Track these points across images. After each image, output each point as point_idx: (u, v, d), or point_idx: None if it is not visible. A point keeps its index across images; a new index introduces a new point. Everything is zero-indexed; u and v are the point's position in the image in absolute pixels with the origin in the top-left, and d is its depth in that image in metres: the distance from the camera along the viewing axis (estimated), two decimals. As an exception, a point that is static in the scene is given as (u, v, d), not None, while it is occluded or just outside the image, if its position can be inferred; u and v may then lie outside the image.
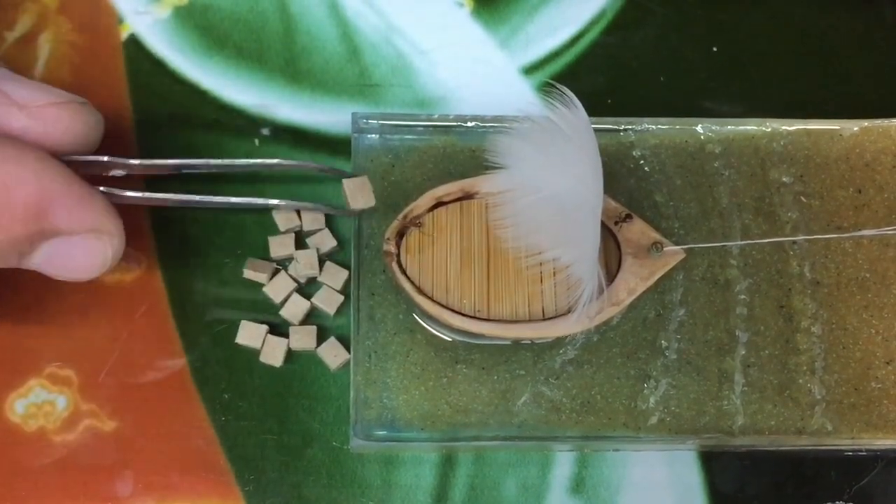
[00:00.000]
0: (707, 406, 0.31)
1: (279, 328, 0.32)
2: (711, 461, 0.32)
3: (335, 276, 0.32)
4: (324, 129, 0.34)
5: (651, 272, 0.31)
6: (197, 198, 0.29)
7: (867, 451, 0.32)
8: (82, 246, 0.24)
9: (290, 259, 0.32)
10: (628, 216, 0.32)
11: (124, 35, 0.35)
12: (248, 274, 0.32)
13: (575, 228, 0.29)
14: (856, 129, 0.34)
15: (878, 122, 0.34)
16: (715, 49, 0.37)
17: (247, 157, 0.31)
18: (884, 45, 0.37)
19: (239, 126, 0.34)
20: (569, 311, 0.30)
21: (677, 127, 0.34)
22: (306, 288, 0.32)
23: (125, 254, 0.26)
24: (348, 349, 0.31)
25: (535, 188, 0.28)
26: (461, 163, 0.33)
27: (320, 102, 0.35)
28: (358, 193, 0.30)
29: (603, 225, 0.31)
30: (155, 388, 0.31)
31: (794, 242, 0.33)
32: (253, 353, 0.32)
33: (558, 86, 0.29)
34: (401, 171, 0.33)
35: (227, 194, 0.29)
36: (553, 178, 0.28)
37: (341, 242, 0.33)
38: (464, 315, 0.30)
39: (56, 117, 0.26)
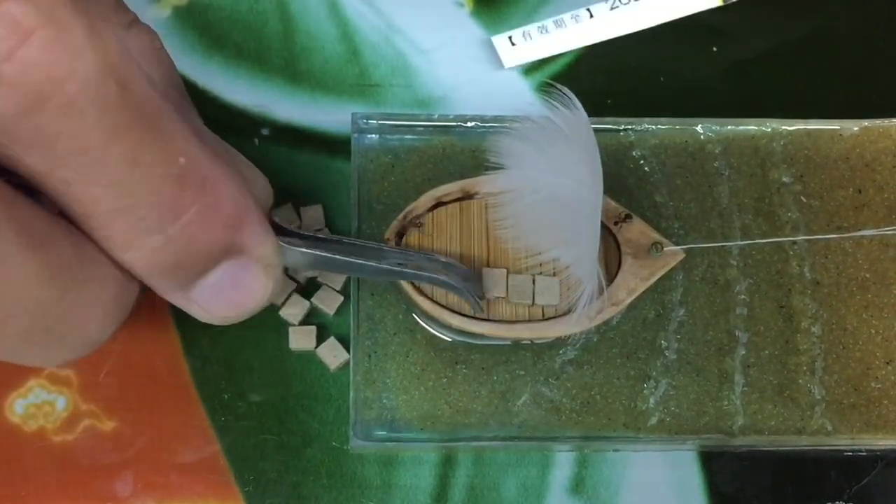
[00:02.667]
0: (707, 406, 0.31)
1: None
2: (711, 461, 0.32)
3: (335, 276, 0.32)
4: (323, 129, 0.34)
5: (651, 272, 0.31)
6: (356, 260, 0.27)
7: (867, 451, 0.32)
8: (254, 274, 0.24)
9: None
10: (628, 216, 0.32)
11: (124, 35, 0.35)
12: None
13: (574, 229, 0.29)
14: (856, 129, 0.34)
15: (878, 122, 0.34)
16: (715, 49, 0.37)
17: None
18: (884, 45, 0.37)
19: (238, 126, 0.34)
20: (568, 312, 0.30)
21: (677, 127, 0.34)
22: (306, 288, 0.32)
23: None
24: (348, 349, 0.31)
25: (535, 188, 0.28)
26: (461, 163, 0.33)
27: (320, 102, 0.35)
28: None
29: (603, 225, 0.31)
30: (155, 388, 0.31)
31: (794, 243, 0.33)
32: (253, 354, 0.32)
33: (558, 86, 0.29)
34: (400, 171, 0.33)
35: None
36: (553, 178, 0.28)
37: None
38: (463, 315, 0.30)
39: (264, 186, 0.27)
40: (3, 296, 0.19)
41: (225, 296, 0.24)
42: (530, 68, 0.36)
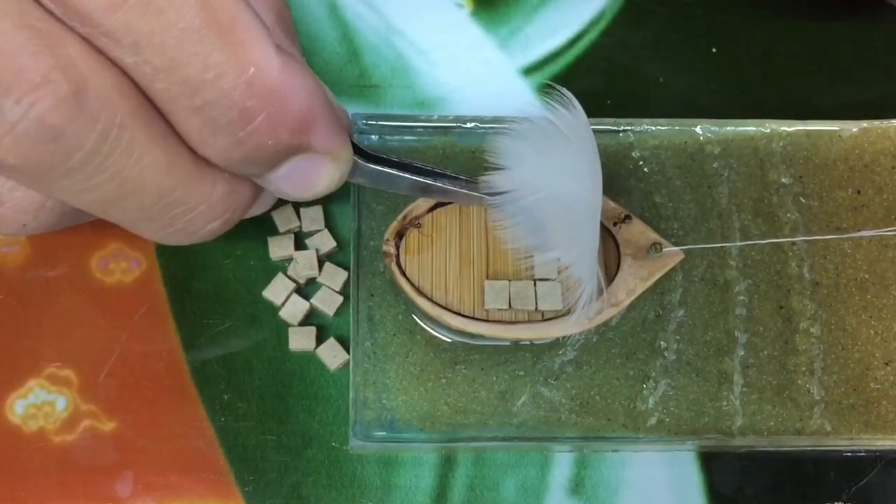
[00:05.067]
0: (706, 407, 0.31)
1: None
2: (711, 462, 0.32)
3: (334, 276, 0.32)
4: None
5: (650, 273, 0.31)
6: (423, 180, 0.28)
7: (866, 451, 0.32)
8: (321, 167, 0.26)
9: (289, 260, 0.32)
10: (627, 217, 0.32)
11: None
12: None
13: (574, 229, 0.29)
14: (855, 130, 0.34)
15: (877, 123, 0.34)
16: (714, 50, 0.37)
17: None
18: (883, 46, 0.37)
19: (239, 127, 0.34)
20: (568, 313, 0.30)
21: (676, 128, 0.34)
22: (305, 289, 0.32)
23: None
24: (347, 350, 0.31)
25: (535, 189, 0.28)
26: (461, 164, 0.33)
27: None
28: None
29: (602, 226, 0.31)
30: (155, 389, 0.31)
31: (794, 243, 0.33)
32: (253, 354, 0.32)
33: (557, 87, 0.29)
34: (400, 172, 0.33)
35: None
36: (552, 179, 0.28)
37: (340, 243, 0.33)
38: (463, 316, 0.30)
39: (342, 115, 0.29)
40: (128, 175, 0.22)
41: (295, 182, 0.26)
42: (530, 69, 0.36)
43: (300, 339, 0.32)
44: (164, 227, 0.25)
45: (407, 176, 0.28)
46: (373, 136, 0.33)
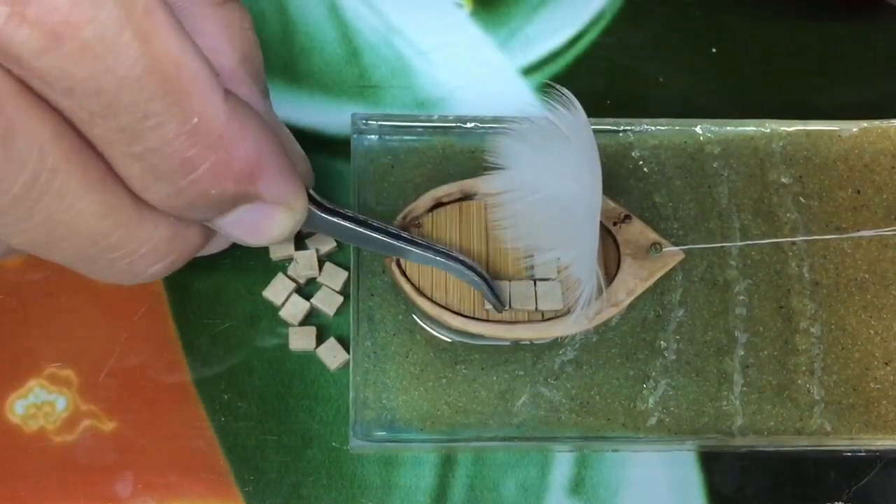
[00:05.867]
0: (706, 407, 0.31)
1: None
2: (711, 461, 0.32)
3: (334, 276, 0.32)
4: (323, 129, 0.34)
5: (650, 273, 0.31)
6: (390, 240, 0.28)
7: (866, 451, 0.32)
8: (272, 216, 0.25)
9: (289, 260, 0.32)
10: (627, 217, 0.32)
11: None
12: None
13: (574, 229, 0.29)
14: (855, 130, 0.34)
15: (876, 123, 0.34)
16: (714, 50, 0.37)
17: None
18: (883, 46, 0.37)
19: (239, 127, 0.34)
20: (568, 313, 0.30)
21: (676, 128, 0.34)
22: (306, 289, 0.32)
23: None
24: (347, 350, 0.31)
25: (534, 189, 0.28)
26: (460, 164, 0.33)
27: (320, 103, 0.35)
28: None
29: (602, 226, 0.31)
30: (155, 389, 0.31)
31: (794, 243, 0.33)
32: (253, 354, 0.32)
33: (557, 87, 0.29)
34: (400, 172, 0.33)
35: None
36: (552, 179, 0.28)
37: (340, 243, 0.33)
38: (463, 316, 0.30)
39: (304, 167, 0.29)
40: (61, 221, 0.21)
41: (245, 230, 0.25)
42: (530, 69, 0.36)
43: (300, 339, 0.32)
44: (104, 268, 0.24)
45: (362, 231, 0.28)
46: (373, 136, 0.33)
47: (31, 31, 0.18)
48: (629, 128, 0.34)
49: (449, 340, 0.31)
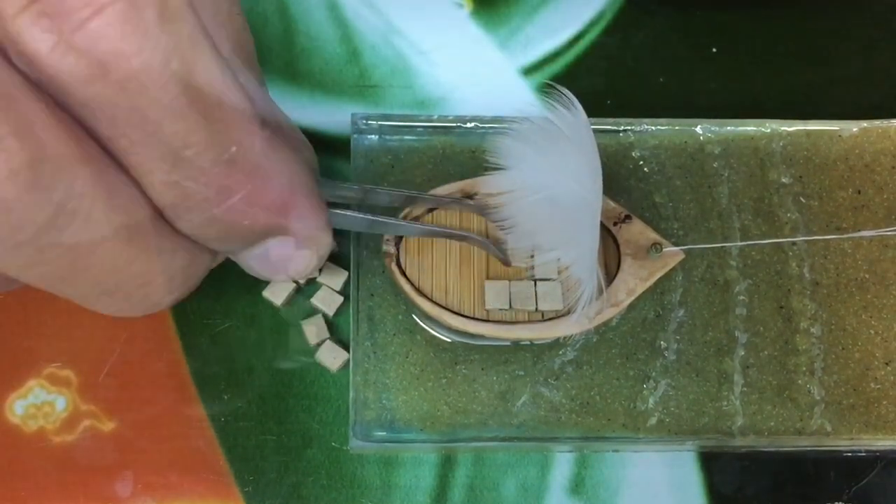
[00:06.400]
0: (706, 407, 0.31)
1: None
2: (711, 462, 0.32)
3: (334, 276, 0.32)
4: (323, 129, 0.34)
5: (650, 273, 0.31)
6: (417, 226, 0.29)
7: (866, 451, 0.32)
8: (297, 252, 0.25)
9: (289, 260, 0.32)
10: (627, 217, 0.32)
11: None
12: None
13: (574, 229, 0.29)
14: (855, 129, 0.34)
15: (877, 122, 0.34)
16: (715, 50, 0.37)
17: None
18: (883, 46, 0.37)
19: (239, 127, 0.34)
20: (568, 313, 0.30)
21: (676, 128, 0.34)
22: (306, 289, 0.32)
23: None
24: (347, 349, 0.31)
25: (535, 189, 0.28)
26: (460, 163, 0.33)
27: (320, 103, 0.35)
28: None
29: (602, 226, 0.31)
30: (155, 389, 0.31)
31: (794, 243, 0.33)
32: (253, 354, 0.32)
33: (558, 86, 0.29)
34: (400, 172, 0.33)
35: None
36: (552, 178, 0.28)
37: (340, 243, 0.33)
38: (463, 316, 0.30)
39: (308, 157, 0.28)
40: (82, 249, 0.21)
41: (269, 265, 0.25)
42: (530, 69, 0.36)
43: (313, 330, 0.31)
44: (119, 300, 0.23)
45: (362, 217, 0.28)
46: (373, 136, 0.33)
47: (77, 61, 0.18)
48: (629, 128, 0.34)
49: (449, 340, 0.31)
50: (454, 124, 0.33)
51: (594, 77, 0.36)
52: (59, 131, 0.19)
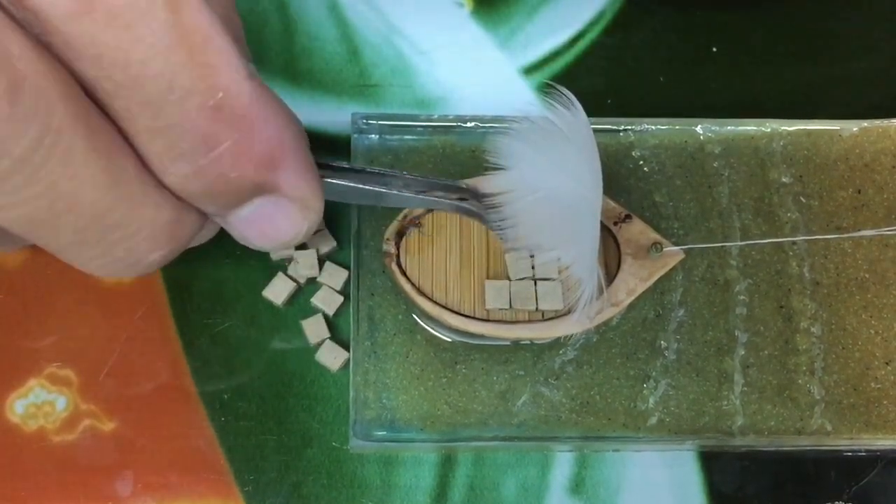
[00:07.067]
0: (706, 406, 0.31)
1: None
2: (711, 461, 0.32)
3: (335, 276, 0.32)
4: (323, 129, 0.34)
5: (650, 273, 0.31)
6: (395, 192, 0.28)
7: (867, 451, 0.32)
8: (287, 214, 0.24)
9: (289, 260, 0.32)
10: (628, 216, 0.32)
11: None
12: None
13: (574, 229, 0.29)
14: (855, 129, 0.34)
15: (877, 122, 0.34)
16: (715, 49, 0.37)
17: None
18: (883, 45, 0.37)
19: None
20: (568, 312, 0.30)
21: (677, 127, 0.34)
22: (306, 289, 0.32)
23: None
24: (347, 349, 0.31)
25: (535, 189, 0.28)
26: (461, 163, 0.33)
27: (320, 103, 0.35)
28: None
29: (602, 225, 0.31)
30: (155, 389, 0.31)
31: (794, 243, 0.33)
32: (253, 354, 0.32)
33: (558, 86, 0.29)
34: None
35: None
36: (552, 178, 0.28)
37: (341, 243, 0.33)
38: (463, 315, 0.30)
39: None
40: (64, 190, 0.20)
41: (258, 228, 0.24)
42: (530, 68, 0.36)
43: (313, 330, 0.31)
44: (101, 254, 0.23)
45: (357, 186, 0.27)
46: (373, 136, 0.33)
47: None
48: (629, 127, 0.34)
49: (449, 340, 0.31)
50: (454, 124, 0.33)
51: (594, 77, 0.36)
52: (40, 67, 0.19)
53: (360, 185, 0.27)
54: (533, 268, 0.30)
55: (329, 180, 0.26)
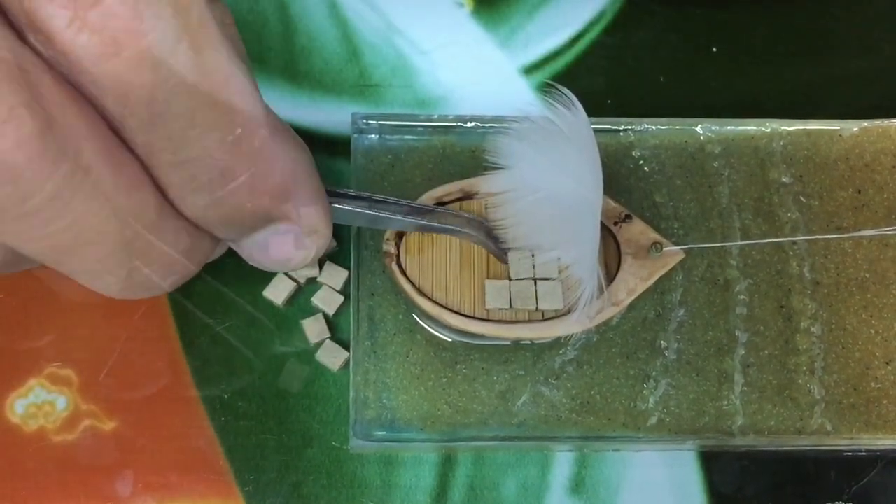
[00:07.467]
0: (707, 406, 0.31)
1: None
2: (711, 461, 0.32)
3: (335, 276, 0.32)
4: (323, 129, 0.34)
5: (650, 272, 0.31)
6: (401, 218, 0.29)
7: (867, 451, 0.32)
8: (298, 240, 0.25)
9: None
10: (628, 216, 0.32)
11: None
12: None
13: (574, 229, 0.29)
14: (855, 129, 0.34)
15: (877, 122, 0.34)
16: (715, 49, 0.37)
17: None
18: (883, 45, 0.37)
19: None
20: (568, 312, 0.30)
21: (677, 127, 0.34)
22: (306, 289, 0.32)
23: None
24: (347, 349, 0.31)
25: (535, 188, 0.28)
26: (461, 163, 0.33)
27: (320, 103, 0.35)
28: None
29: (602, 225, 0.31)
30: (155, 389, 0.31)
31: (794, 243, 0.33)
32: (253, 354, 0.32)
33: (558, 86, 0.29)
34: (400, 172, 0.33)
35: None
36: (552, 178, 0.28)
37: (341, 243, 0.33)
38: (463, 315, 0.30)
39: None
40: (88, 223, 0.21)
41: (269, 253, 0.26)
42: (530, 68, 0.36)
43: (314, 329, 0.31)
44: (121, 280, 0.23)
45: (365, 211, 0.28)
46: (373, 136, 0.33)
47: (91, 37, 0.19)
48: (629, 127, 0.34)
49: (449, 340, 0.31)
50: (454, 124, 0.33)
51: (594, 76, 0.36)
52: (69, 106, 0.20)
53: (367, 212, 0.28)
54: (533, 267, 0.30)
55: (337, 206, 0.27)
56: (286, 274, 0.32)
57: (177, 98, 0.20)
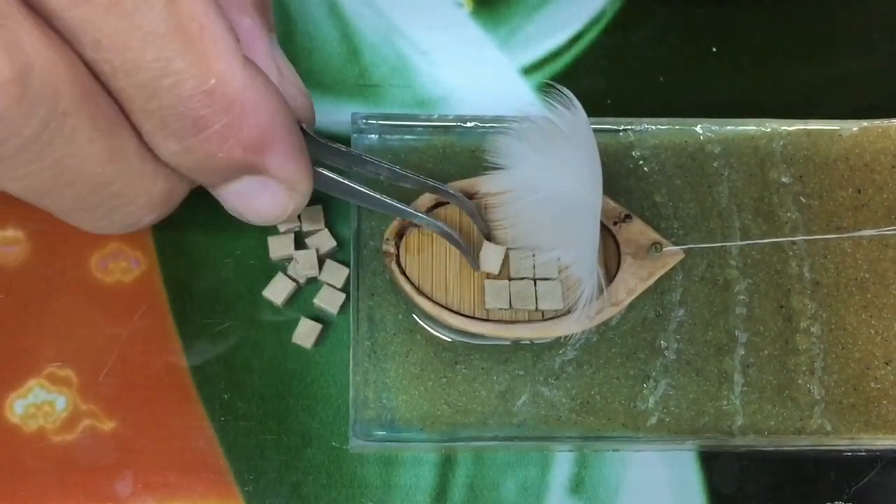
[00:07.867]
0: (706, 406, 0.31)
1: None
2: (711, 461, 0.32)
3: (336, 274, 0.32)
4: (323, 129, 0.34)
5: (650, 272, 0.31)
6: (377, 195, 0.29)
7: (866, 451, 0.32)
8: (273, 194, 0.26)
9: (289, 259, 0.32)
10: (627, 216, 0.32)
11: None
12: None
13: (574, 229, 0.29)
14: (855, 129, 0.34)
15: (877, 122, 0.34)
16: (715, 49, 0.37)
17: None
18: (883, 45, 0.38)
19: (239, 126, 0.34)
20: (568, 312, 0.30)
21: (677, 127, 0.34)
22: (306, 288, 0.32)
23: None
24: (347, 349, 0.31)
25: (535, 188, 0.28)
26: (461, 163, 0.33)
27: (320, 102, 0.35)
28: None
29: (602, 225, 0.31)
30: (155, 389, 0.31)
31: (794, 243, 0.33)
32: (253, 354, 0.32)
33: (558, 86, 0.29)
34: (400, 172, 0.33)
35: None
36: (552, 178, 0.28)
37: (341, 243, 0.33)
38: (463, 315, 0.30)
39: (305, 103, 0.29)
40: (66, 165, 0.21)
41: (246, 203, 0.26)
42: (530, 68, 0.36)
43: (305, 335, 0.32)
44: (100, 218, 0.24)
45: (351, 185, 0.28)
46: (373, 136, 0.33)
47: None
48: (629, 127, 0.34)
49: (449, 340, 0.31)
50: (454, 124, 0.33)
51: (594, 76, 0.36)
52: (47, 51, 0.20)
53: (349, 183, 0.28)
54: (534, 267, 0.30)
55: (320, 170, 0.27)
56: (286, 274, 0.32)
57: (149, 46, 0.20)
